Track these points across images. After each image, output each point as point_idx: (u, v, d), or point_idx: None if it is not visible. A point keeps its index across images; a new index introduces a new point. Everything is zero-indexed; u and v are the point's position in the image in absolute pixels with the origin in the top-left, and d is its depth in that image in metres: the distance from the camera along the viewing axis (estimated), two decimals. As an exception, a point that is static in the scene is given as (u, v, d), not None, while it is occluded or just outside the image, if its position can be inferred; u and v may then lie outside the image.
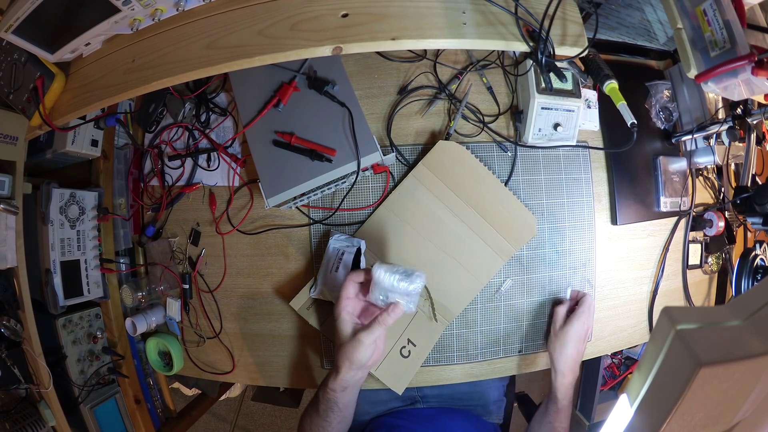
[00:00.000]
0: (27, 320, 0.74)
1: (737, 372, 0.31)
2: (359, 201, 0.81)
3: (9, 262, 0.72)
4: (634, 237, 0.88)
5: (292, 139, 0.73)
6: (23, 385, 0.75)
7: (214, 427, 1.80)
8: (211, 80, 0.83)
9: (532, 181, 0.83)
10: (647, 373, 0.34)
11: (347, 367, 0.64)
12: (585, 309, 0.77)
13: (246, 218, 0.83)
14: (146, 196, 0.89)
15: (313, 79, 0.75)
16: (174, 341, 0.88)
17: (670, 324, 0.32)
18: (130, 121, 0.88)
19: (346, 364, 0.63)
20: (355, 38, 0.58)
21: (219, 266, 0.85)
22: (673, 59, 0.93)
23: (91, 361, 0.85)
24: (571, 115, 0.77)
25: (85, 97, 0.67)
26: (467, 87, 0.82)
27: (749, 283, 0.81)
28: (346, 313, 0.64)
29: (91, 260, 0.85)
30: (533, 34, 0.62)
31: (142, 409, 0.92)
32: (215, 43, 0.61)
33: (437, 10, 0.60)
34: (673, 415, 0.32)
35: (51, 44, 0.64)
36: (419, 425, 0.80)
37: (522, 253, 0.83)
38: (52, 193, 0.79)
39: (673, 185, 0.88)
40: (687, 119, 0.90)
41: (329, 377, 0.67)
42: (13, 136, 0.73)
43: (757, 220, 0.79)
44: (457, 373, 0.83)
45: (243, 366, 0.86)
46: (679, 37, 0.58)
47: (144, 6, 0.61)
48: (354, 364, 0.63)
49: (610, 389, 1.29)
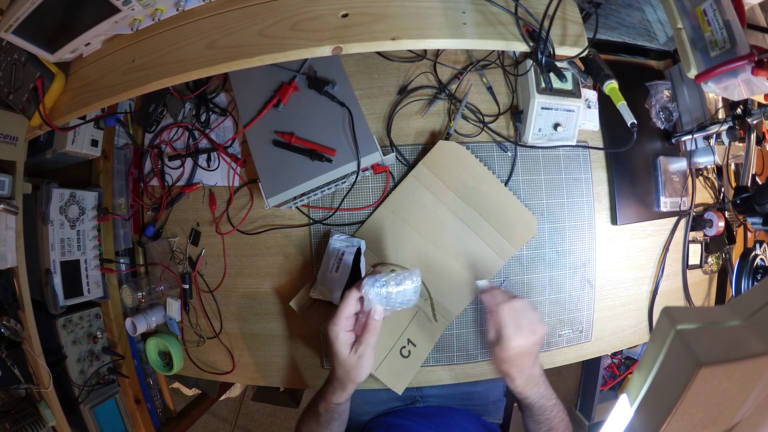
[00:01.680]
0: (27, 320, 0.74)
1: (737, 372, 0.31)
2: (359, 201, 0.81)
3: (9, 262, 0.72)
4: (634, 237, 0.88)
5: (292, 139, 0.73)
6: (23, 385, 0.75)
7: (214, 427, 1.80)
8: (211, 80, 0.83)
9: (532, 181, 0.83)
10: (647, 373, 0.34)
11: (352, 385, 0.63)
12: (510, 323, 0.62)
13: (246, 218, 0.83)
14: (146, 196, 0.89)
15: (313, 79, 0.75)
16: (174, 341, 0.88)
17: (670, 324, 0.32)
18: (130, 121, 0.88)
19: (349, 382, 0.63)
20: (355, 38, 0.58)
21: (219, 266, 0.85)
22: (673, 59, 0.93)
23: (91, 361, 0.85)
24: (571, 115, 0.77)
25: (85, 97, 0.67)
26: (467, 87, 0.82)
27: (749, 283, 0.81)
28: (344, 333, 0.61)
29: (91, 260, 0.85)
30: (533, 34, 0.62)
31: (142, 409, 0.92)
32: (215, 43, 0.61)
33: (437, 10, 0.60)
34: (673, 415, 0.32)
35: (51, 44, 0.64)
36: (418, 423, 0.80)
37: (522, 253, 0.83)
38: (52, 193, 0.79)
39: (673, 185, 0.88)
40: (687, 119, 0.90)
41: (329, 393, 0.66)
42: (13, 136, 0.73)
43: (757, 220, 0.79)
44: (457, 373, 0.83)
45: (243, 366, 0.86)
46: (679, 37, 0.58)
47: (144, 6, 0.61)
48: (358, 380, 0.63)
49: (610, 389, 1.29)
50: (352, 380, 0.62)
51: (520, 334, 0.62)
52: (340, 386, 0.64)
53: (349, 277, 0.76)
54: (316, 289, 0.77)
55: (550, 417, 0.69)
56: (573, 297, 0.85)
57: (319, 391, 0.70)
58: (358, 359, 0.61)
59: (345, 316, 0.61)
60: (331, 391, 0.65)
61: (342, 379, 0.63)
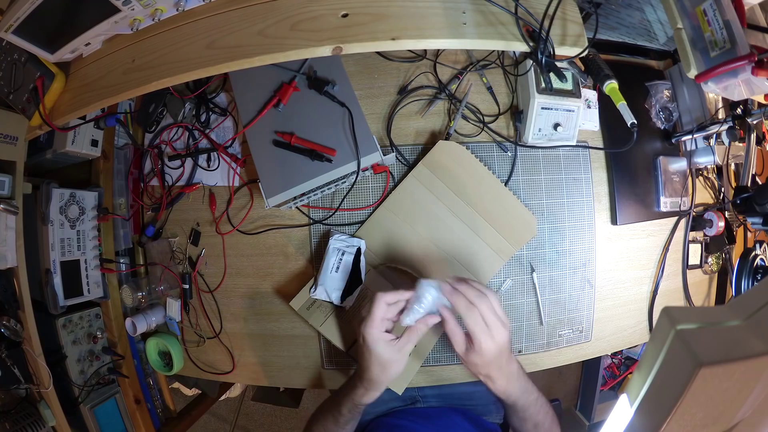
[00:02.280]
0: (27, 320, 0.74)
1: (737, 372, 0.31)
2: (359, 201, 0.81)
3: (9, 262, 0.72)
4: (634, 237, 0.88)
5: (292, 139, 0.73)
6: (23, 385, 0.75)
7: (214, 427, 1.80)
8: (211, 80, 0.83)
9: (532, 181, 0.83)
10: (647, 373, 0.34)
11: (385, 384, 0.64)
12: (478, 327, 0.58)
13: (246, 218, 0.83)
14: (146, 196, 0.89)
15: (313, 79, 0.75)
16: (174, 341, 0.88)
17: (670, 324, 0.32)
18: (130, 121, 0.88)
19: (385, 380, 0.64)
20: (355, 38, 0.58)
21: (219, 266, 0.85)
22: (673, 59, 0.93)
23: (91, 361, 0.85)
24: (571, 115, 0.77)
25: (85, 97, 0.67)
26: (467, 87, 0.82)
27: (749, 283, 0.81)
28: (383, 335, 0.62)
29: (91, 260, 0.85)
30: (533, 34, 0.62)
31: (142, 409, 0.92)
32: (215, 43, 0.61)
33: (437, 10, 0.60)
34: (673, 415, 0.32)
35: (51, 44, 0.64)
36: (419, 424, 0.80)
37: (522, 253, 0.83)
38: (52, 193, 0.79)
39: (673, 185, 0.88)
40: (687, 119, 0.90)
41: (358, 395, 0.65)
42: (13, 136, 0.73)
43: (757, 220, 0.79)
44: (457, 373, 0.83)
45: (243, 366, 0.86)
46: (679, 37, 0.58)
47: (144, 6, 0.61)
48: (395, 377, 0.64)
49: (610, 389, 1.29)
50: (389, 378, 0.63)
51: (492, 334, 0.58)
52: (373, 387, 0.64)
53: (349, 277, 0.76)
54: (316, 289, 0.77)
55: (534, 412, 0.67)
56: (573, 297, 0.85)
57: (342, 393, 0.69)
58: (403, 357, 0.62)
59: (380, 317, 0.61)
60: (361, 393, 0.65)
61: (376, 379, 0.63)
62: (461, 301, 0.59)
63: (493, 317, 0.59)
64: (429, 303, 0.61)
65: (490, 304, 0.59)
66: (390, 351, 0.62)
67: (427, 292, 0.60)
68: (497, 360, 0.61)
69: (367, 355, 0.62)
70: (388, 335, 0.62)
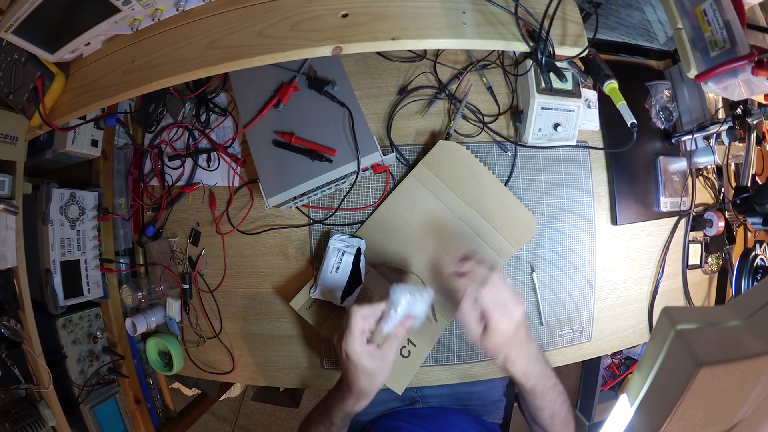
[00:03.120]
0: (27, 320, 0.74)
1: (737, 372, 0.31)
2: (359, 201, 0.81)
3: (9, 262, 0.72)
4: (634, 237, 0.88)
5: (292, 139, 0.73)
6: (23, 385, 0.75)
7: (214, 427, 1.80)
8: (211, 80, 0.83)
9: (532, 181, 0.83)
10: (647, 373, 0.34)
11: (376, 391, 0.64)
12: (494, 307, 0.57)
13: (246, 218, 0.83)
14: (146, 196, 0.89)
15: (313, 79, 0.75)
16: (174, 341, 0.88)
17: (670, 324, 0.32)
18: (130, 121, 0.88)
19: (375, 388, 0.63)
20: (355, 38, 0.58)
21: (219, 266, 0.85)
22: (673, 59, 0.93)
23: (91, 361, 0.85)
24: (571, 115, 0.77)
25: (85, 97, 0.67)
26: (467, 87, 0.82)
27: (749, 283, 0.81)
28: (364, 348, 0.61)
29: (91, 260, 0.85)
30: (533, 34, 0.62)
31: (142, 409, 0.92)
32: (215, 43, 0.61)
33: (437, 10, 0.60)
34: (673, 415, 0.32)
35: (51, 44, 0.64)
36: (418, 426, 0.80)
37: (522, 253, 0.83)
38: (52, 193, 0.79)
39: (673, 185, 0.88)
40: (687, 119, 0.90)
41: (349, 405, 0.65)
42: (13, 136, 0.73)
43: (757, 220, 0.79)
44: (457, 373, 0.83)
45: (243, 366, 0.86)
46: (679, 37, 0.58)
47: (144, 6, 0.61)
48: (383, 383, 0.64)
49: (610, 389, 1.29)
50: (378, 386, 0.63)
51: (508, 311, 0.57)
52: (363, 396, 0.64)
53: (349, 277, 0.76)
54: (316, 290, 0.77)
55: (552, 400, 0.66)
56: (573, 297, 0.85)
57: (331, 403, 0.68)
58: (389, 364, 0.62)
59: (359, 331, 0.60)
60: (352, 403, 0.65)
61: (366, 390, 0.63)
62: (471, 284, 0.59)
63: (507, 293, 0.58)
64: (405, 307, 0.61)
65: (501, 280, 0.58)
66: (375, 362, 0.61)
67: (402, 297, 0.61)
68: (516, 337, 0.59)
69: (353, 369, 0.62)
70: (370, 347, 0.61)
